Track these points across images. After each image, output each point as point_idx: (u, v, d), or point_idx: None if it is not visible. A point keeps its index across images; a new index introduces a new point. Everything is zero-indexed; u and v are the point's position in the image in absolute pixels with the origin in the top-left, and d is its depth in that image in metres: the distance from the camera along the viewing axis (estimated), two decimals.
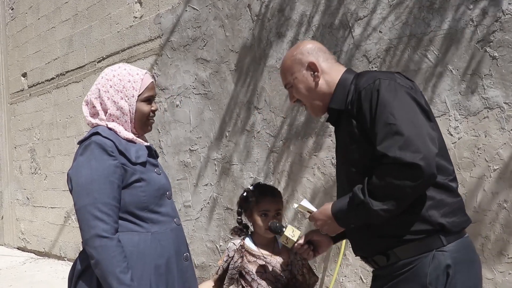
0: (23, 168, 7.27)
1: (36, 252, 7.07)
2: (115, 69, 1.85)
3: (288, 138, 3.66)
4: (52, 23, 6.40)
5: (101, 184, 1.67)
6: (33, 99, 6.95)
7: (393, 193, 1.45)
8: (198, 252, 4.41)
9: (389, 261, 1.55)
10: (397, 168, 1.41)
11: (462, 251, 1.52)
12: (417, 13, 2.91)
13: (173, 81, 4.60)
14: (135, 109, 1.82)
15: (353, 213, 1.53)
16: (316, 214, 1.69)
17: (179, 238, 1.86)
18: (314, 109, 1.77)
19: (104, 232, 1.64)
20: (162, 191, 1.84)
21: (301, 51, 1.74)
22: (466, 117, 2.72)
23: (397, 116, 1.45)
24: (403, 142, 1.41)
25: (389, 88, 1.51)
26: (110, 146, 1.72)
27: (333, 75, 1.71)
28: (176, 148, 4.61)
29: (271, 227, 1.94)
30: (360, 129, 1.56)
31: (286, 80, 1.77)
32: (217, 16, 4.15)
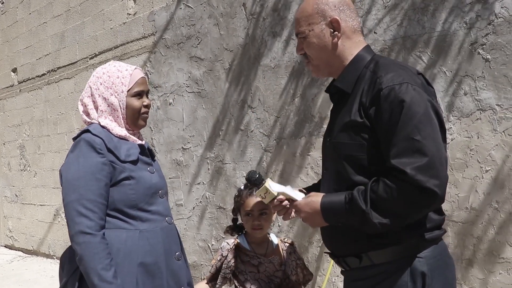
0: (12, 164, 7.20)
1: (24, 250, 7.00)
2: (105, 66, 1.88)
3: (282, 137, 3.67)
4: (43, 18, 6.35)
5: (87, 181, 1.68)
6: (23, 95, 6.89)
7: (398, 211, 1.36)
8: (190, 251, 4.39)
9: (361, 263, 1.47)
10: (412, 189, 1.31)
11: (437, 257, 1.45)
12: (412, 15, 2.93)
13: (167, 79, 4.58)
14: (126, 104, 1.82)
15: (346, 216, 1.43)
16: (302, 204, 1.54)
17: (170, 237, 1.85)
18: (318, 70, 1.61)
19: (88, 228, 1.65)
20: (154, 190, 1.83)
21: (327, 1, 1.52)
22: (459, 119, 2.75)
23: (423, 132, 1.34)
24: (425, 164, 1.31)
25: (418, 99, 1.37)
26: (98, 143, 1.73)
27: (352, 45, 1.53)
28: (169, 146, 4.59)
29: (249, 178, 1.72)
30: (366, 127, 1.42)
31: (300, 29, 1.55)
32: (211, 14, 4.15)
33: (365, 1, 3.15)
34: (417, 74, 1.49)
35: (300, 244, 3.48)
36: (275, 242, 2.15)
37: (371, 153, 1.43)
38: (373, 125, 1.42)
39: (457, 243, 2.75)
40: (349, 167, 1.46)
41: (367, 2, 3.14)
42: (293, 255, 2.12)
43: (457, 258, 2.74)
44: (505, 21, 2.58)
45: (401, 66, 1.50)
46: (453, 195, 2.76)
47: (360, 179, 1.45)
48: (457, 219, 2.75)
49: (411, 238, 1.42)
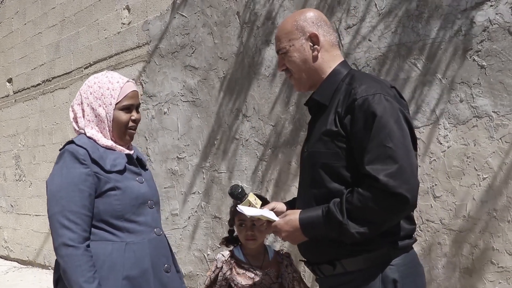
0: (7, 175, 7.15)
1: (19, 260, 6.93)
2: (98, 76, 1.86)
3: (277, 146, 3.64)
4: (38, 28, 6.33)
5: (70, 192, 1.67)
6: (18, 105, 6.85)
7: (373, 218, 1.42)
8: (185, 261, 4.35)
9: (335, 270, 1.53)
10: (384, 195, 1.38)
11: (408, 264, 1.52)
12: (406, 22, 2.92)
13: (161, 88, 4.56)
14: (112, 117, 1.79)
15: (325, 229, 1.47)
16: (281, 224, 1.58)
17: (159, 249, 1.82)
18: (300, 83, 1.67)
19: (70, 241, 1.63)
20: (142, 200, 1.80)
21: (305, 18, 1.62)
22: (455, 126, 2.73)
23: (395, 140, 1.40)
24: (396, 170, 1.38)
25: (390, 108, 1.44)
26: (82, 154, 1.71)
27: (330, 58, 1.62)
28: (164, 155, 4.56)
29: (232, 192, 1.73)
30: (341, 135, 1.49)
31: (281, 45, 1.63)
32: (205, 23, 4.13)
33: (359, 9, 3.13)
34: (390, 87, 1.57)
35: None
36: (272, 254, 2.11)
37: (346, 161, 1.48)
38: (347, 134, 1.48)
39: (455, 251, 2.72)
40: (325, 175, 1.51)
41: (361, 9, 3.12)
42: (290, 268, 2.09)
43: (455, 267, 2.71)
44: (500, 28, 2.57)
45: (375, 79, 1.59)
46: (450, 203, 2.73)
47: (335, 187, 1.50)
48: (454, 227, 2.72)
49: (382, 246, 1.48)
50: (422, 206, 2.83)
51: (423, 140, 2.83)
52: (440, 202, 2.77)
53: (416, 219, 2.82)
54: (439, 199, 2.77)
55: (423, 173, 2.83)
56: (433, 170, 2.79)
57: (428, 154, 2.82)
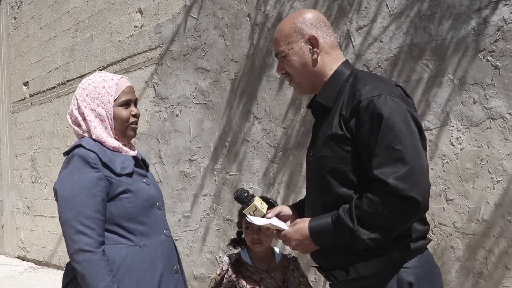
0: (24, 177, 7.25)
1: (35, 261, 7.02)
2: (91, 77, 1.85)
3: (288, 148, 3.62)
4: (53, 32, 6.41)
5: (84, 197, 1.65)
6: (34, 108, 6.95)
7: (384, 223, 1.37)
8: (197, 263, 4.35)
9: (349, 276, 1.48)
10: (394, 199, 1.33)
11: (423, 266, 1.47)
12: (418, 23, 2.87)
13: (173, 90, 4.57)
14: (113, 114, 1.78)
15: (335, 237, 1.44)
16: (290, 233, 1.54)
17: (169, 250, 1.82)
18: (300, 87, 1.63)
19: (87, 246, 1.61)
20: (151, 202, 1.80)
21: (304, 19, 1.57)
22: (468, 128, 2.67)
23: (403, 142, 1.36)
24: (406, 172, 1.33)
25: (397, 109, 1.39)
26: (93, 158, 1.69)
27: (331, 60, 1.57)
28: (176, 158, 4.57)
29: (237, 196, 1.70)
30: (347, 139, 1.44)
31: (280, 49, 1.59)
32: (217, 25, 4.13)
33: (370, 9, 3.10)
34: (395, 86, 1.51)
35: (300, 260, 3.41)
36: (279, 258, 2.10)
37: (354, 165, 1.44)
38: (353, 137, 1.44)
39: (468, 256, 2.66)
40: (333, 180, 1.48)
41: (372, 10, 3.09)
42: (297, 272, 2.07)
43: (468, 271, 2.65)
44: None
45: (379, 79, 1.53)
46: (463, 206, 2.68)
47: (344, 191, 1.46)
48: (468, 231, 2.66)
49: (395, 249, 1.43)
50: (435, 209, 2.78)
51: (435, 142, 2.79)
52: (453, 205, 2.72)
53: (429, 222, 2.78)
54: (452, 202, 2.72)
55: (435, 176, 2.78)
56: (445, 173, 2.74)
57: (440, 156, 2.77)
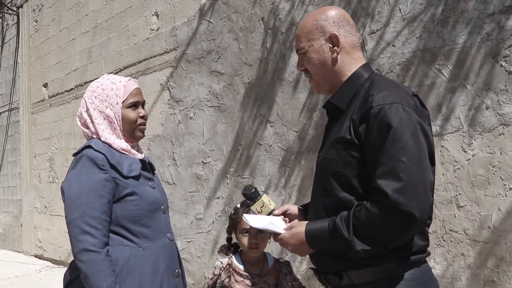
0: (42, 177, 7.37)
1: (52, 260, 7.13)
2: (99, 80, 1.88)
3: (300, 152, 3.62)
4: (72, 35, 6.52)
5: (90, 198, 1.67)
6: (53, 109, 7.07)
7: (380, 236, 1.35)
8: (208, 266, 4.37)
9: (341, 282, 1.47)
10: (391, 212, 1.31)
11: (418, 280, 1.43)
12: (431, 27, 2.85)
13: (188, 93, 4.61)
14: (121, 116, 1.81)
15: (331, 243, 1.43)
16: (287, 237, 1.54)
17: (172, 254, 1.85)
18: (319, 86, 1.60)
19: (92, 246, 1.63)
20: (156, 205, 1.82)
21: (326, 17, 1.54)
22: (480, 134, 2.64)
23: (409, 154, 1.32)
24: (407, 186, 1.30)
25: (407, 119, 1.35)
26: (101, 159, 1.72)
27: (351, 61, 1.54)
28: (189, 160, 4.60)
29: (245, 192, 1.72)
30: (355, 145, 1.42)
31: (301, 45, 1.56)
32: (231, 29, 4.16)
33: (383, 14, 3.09)
34: (412, 95, 1.47)
35: None
36: (271, 262, 2.09)
37: (358, 171, 1.42)
38: (361, 143, 1.41)
39: (479, 263, 2.63)
40: (335, 183, 1.46)
41: (385, 14, 3.08)
42: (289, 276, 2.06)
43: (479, 280, 2.62)
44: None
45: (396, 86, 1.48)
46: (474, 213, 2.64)
47: (345, 196, 1.44)
48: (479, 238, 2.63)
49: (391, 261, 1.41)
50: (446, 216, 2.75)
51: (447, 148, 2.76)
52: (464, 212, 2.69)
53: (439, 229, 2.76)
54: (463, 209, 2.69)
55: (446, 182, 2.75)
56: (457, 179, 2.72)
57: (452, 162, 2.74)
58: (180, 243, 4.69)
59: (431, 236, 2.81)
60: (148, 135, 5.07)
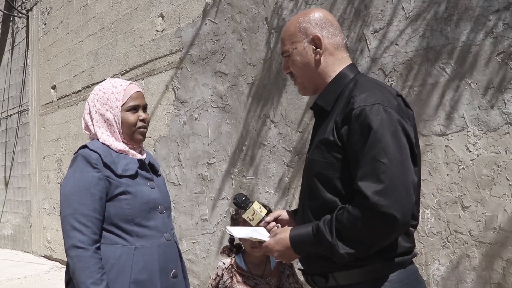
0: (51, 178, 7.43)
1: (61, 261, 7.17)
2: (102, 84, 1.93)
3: (304, 152, 3.59)
4: (80, 37, 6.56)
5: (82, 195, 1.71)
6: (61, 111, 7.12)
7: (363, 239, 1.34)
8: (213, 267, 4.36)
9: (327, 283, 1.46)
10: (372, 215, 1.30)
11: (404, 281, 1.42)
12: (435, 25, 2.81)
13: (192, 94, 4.61)
14: (121, 119, 1.85)
15: (316, 248, 1.42)
16: (272, 244, 1.53)
17: (168, 254, 1.84)
18: (303, 88, 1.61)
19: (80, 242, 1.66)
20: (152, 205, 1.83)
21: (309, 19, 1.54)
22: (485, 133, 2.60)
23: (389, 155, 1.31)
24: (387, 188, 1.29)
25: (388, 120, 1.35)
26: (95, 158, 1.75)
27: (335, 62, 1.54)
28: (194, 161, 4.60)
29: (235, 201, 1.73)
30: (337, 146, 1.42)
31: (285, 47, 1.58)
32: (235, 29, 4.15)
33: (386, 12, 3.05)
34: (396, 96, 1.46)
35: None
36: (274, 263, 2.08)
37: (341, 172, 1.41)
38: (343, 145, 1.41)
39: (485, 265, 2.58)
40: (320, 184, 1.45)
41: (388, 13, 3.04)
42: (292, 278, 2.05)
43: (485, 282, 2.57)
44: None
45: (379, 87, 1.47)
46: (479, 214, 2.60)
47: (330, 197, 1.44)
48: (484, 240, 2.58)
49: (376, 262, 1.40)
50: (450, 217, 2.71)
51: (451, 148, 2.72)
52: (469, 212, 2.64)
53: (444, 230, 2.72)
54: (468, 210, 2.64)
55: (451, 182, 2.71)
56: (461, 179, 2.67)
57: (456, 162, 2.70)
58: (186, 244, 4.68)
59: (435, 238, 2.77)
60: (154, 136, 5.08)
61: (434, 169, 2.78)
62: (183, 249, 4.71)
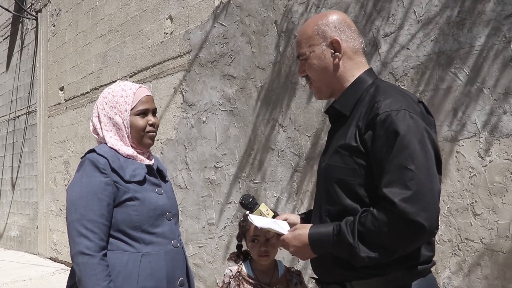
0: (57, 179, 7.43)
1: (66, 263, 7.17)
2: (111, 87, 1.90)
3: (312, 157, 3.56)
4: (88, 38, 6.57)
5: (89, 201, 1.67)
6: (68, 112, 7.13)
7: (386, 244, 1.31)
8: (220, 272, 4.33)
9: None
10: (399, 221, 1.27)
11: None
12: (447, 30, 2.78)
13: (200, 97, 4.59)
14: (130, 123, 1.82)
15: (335, 248, 1.39)
16: (289, 238, 1.50)
17: (175, 261, 1.80)
18: (320, 92, 1.58)
19: (87, 249, 1.63)
20: (160, 212, 1.79)
21: (327, 22, 1.51)
22: (498, 139, 2.56)
23: (417, 162, 1.29)
24: (415, 195, 1.27)
25: (414, 127, 1.33)
26: (102, 163, 1.72)
27: (354, 66, 1.52)
28: (202, 164, 4.58)
29: (243, 202, 1.68)
30: (360, 152, 1.39)
31: (301, 50, 1.54)
32: (244, 32, 4.13)
33: (397, 16, 3.02)
34: (418, 102, 1.44)
35: None
36: (282, 270, 2.04)
37: (363, 178, 1.39)
38: (367, 151, 1.38)
39: (497, 274, 2.53)
40: (340, 190, 1.43)
41: (399, 17, 3.01)
42: (300, 286, 2.01)
43: None
44: None
45: (402, 93, 1.45)
46: (491, 221, 2.55)
47: (350, 204, 1.41)
48: (497, 248, 2.54)
49: (397, 270, 1.37)
50: (461, 224, 2.67)
51: (463, 154, 2.67)
52: (480, 220, 2.60)
53: (455, 237, 2.67)
54: (480, 217, 2.60)
55: (462, 189, 2.67)
56: (473, 186, 2.63)
57: (468, 168, 2.66)
58: (192, 248, 4.66)
59: (446, 245, 2.73)
60: (161, 139, 5.06)
61: (445, 176, 2.74)
62: (190, 253, 4.68)
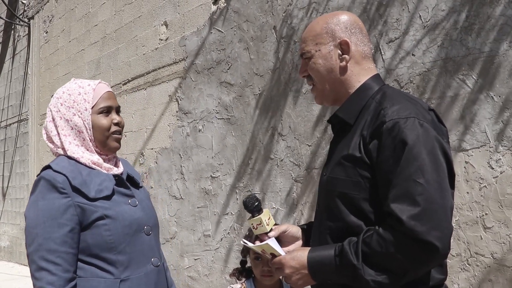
0: None
1: None
2: (66, 85, 1.66)
3: (313, 167, 3.44)
4: (82, 45, 6.44)
5: (47, 228, 1.44)
6: None
7: (394, 267, 1.18)
8: (216, 285, 4.18)
9: None
10: (408, 241, 1.14)
11: None
12: (454, 35, 2.68)
13: (196, 105, 4.46)
14: (92, 123, 1.59)
15: (337, 272, 1.24)
16: (286, 259, 1.34)
17: (157, 282, 1.61)
18: (322, 96, 1.45)
19: (50, 285, 1.40)
20: (136, 227, 1.58)
21: (338, 21, 1.40)
22: (509, 149, 2.45)
23: (427, 175, 1.17)
24: (424, 212, 1.14)
25: (424, 136, 1.21)
26: (61, 182, 1.48)
27: (361, 71, 1.40)
28: (198, 174, 4.44)
29: (246, 203, 1.50)
30: (365, 163, 1.26)
31: (307, 48, 1.42)
32: (242, 38, 4.01)
33: (402, 21, 2.92)
34: (428, 110, 1.31)
35: None
36: None
37: (368, 192, 1.25)
38: (372, 162, 1.25)
39: None
40: (342, 206, 1.30)
41: (404, 22, 2.91)
42: None
43: None
44: None
45: (411, 99, 1.32)
46: (503, 235, 2.43)
47: (354, 221, 1.28)
48: (509, 263, 2.42)
49: None
50: (471, 238, 2.55)
51: (472, 164, 2.56)
52: (491, 233, 2.48)
53: (464, 252, 2.55)
54: (490, 231, 2.48)
55: (471, 201, 2.55)
56: (483, 198, 2.51)
57: (478, 179, 2.54)
58: (187, 261, 4.51)
59: (454, 259, 2.60)
60: (156, 148, 4.93)
61: None
62: (185, 265, 4.53)
